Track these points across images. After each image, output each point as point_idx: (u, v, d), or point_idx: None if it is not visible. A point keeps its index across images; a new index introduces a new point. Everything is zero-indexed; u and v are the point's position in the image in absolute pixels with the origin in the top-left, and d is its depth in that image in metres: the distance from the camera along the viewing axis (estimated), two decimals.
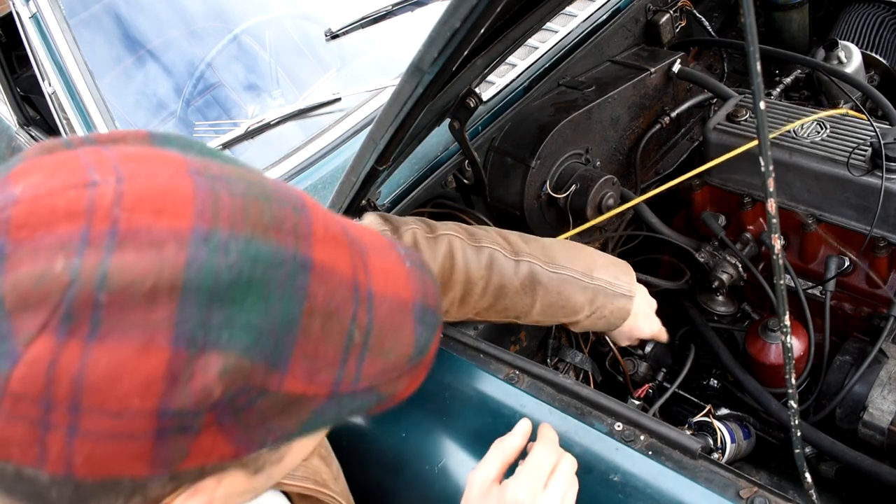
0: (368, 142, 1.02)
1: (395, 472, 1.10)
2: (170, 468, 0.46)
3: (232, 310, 0.45)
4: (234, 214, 0.48)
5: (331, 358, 0.50)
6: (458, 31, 0.79)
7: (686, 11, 1.99)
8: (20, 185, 0.46)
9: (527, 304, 1.22)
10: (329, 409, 0.51)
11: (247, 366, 0.46)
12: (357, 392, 0.53)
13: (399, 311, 0.56)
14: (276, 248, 0.48)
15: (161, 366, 0.43)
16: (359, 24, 1.90)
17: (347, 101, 1.77)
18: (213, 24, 2.04)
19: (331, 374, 0.50)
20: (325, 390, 0.50)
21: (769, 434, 1.61)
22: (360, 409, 0.54)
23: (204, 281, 0.45)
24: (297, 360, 0.48)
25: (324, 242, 0.52)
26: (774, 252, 0.76)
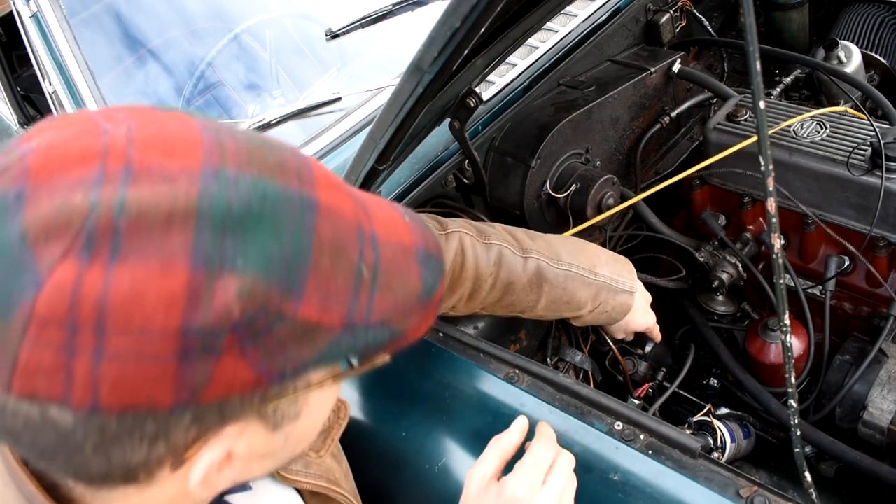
0: (368, 141, 1.02)
1: (396, 471, 1.10)
2: (193, 395, 0.47)
3: (245, 238, 0.47)
4: (240, 156, 0.50)
5: (342, 291, 0.52)
6: (458, 30, 0.79)
7: (686, 11, 1.99)
8: (35, 139, 0.49)
9: (532, 299, 1.24)
10: (345, 340, 0.52)
11: (263, 288, 0.47)
12: (370, 325, 0.54)
13: (403, 254, 0.57)
14: (283, 187, 0.50)
15: (181, 285, 0.45)
16: (359, 24, 1.90)
17: (347, 100, 1.77)
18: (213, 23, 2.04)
19: (344, 306, 0.52)
20: (340, 321, 0.52)
21: (769, 433, 1.61)
22: (376, 343, 0.55)
23: (216, 210, 0.47)
24: (311, 290, 0.50)
25: (326, 187, 0.54)
26: (774, 251, 0.77)
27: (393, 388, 1.20)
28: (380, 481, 1.11)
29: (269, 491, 0.85)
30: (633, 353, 1.70)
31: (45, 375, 0.45)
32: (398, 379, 1.21)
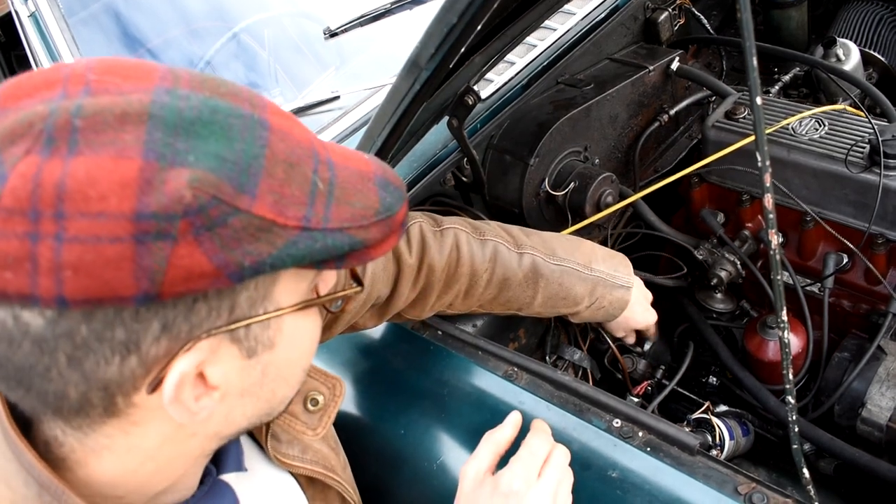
0: (366, 139, 1.02)
1: (394, 468, 1.10)
2: (153, 283, 0.49)
3: (196, 140, 0.51)
4: (193, 82, 0.54)
5: (297, 198, 0.54)
6: (455, 27, 0.79)
7: (685, 9, 1.99)
8: (4, 83, 0.54)
9: (529, 295, 1.24)
10: (302, 241, 0.54)
11: (214, 180, 0.50)
12: (328, 230, 0.55)
13: (359, 177, 0.59)
14: (234, 106, 0.54)
15: (134, 172, 0.48)
16: (357, 23, 1.90)
17: (346, 99, 1.78)
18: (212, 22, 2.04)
19: (299, 210, 0.54)
20: (296, 222, 0.53)
21: (768, 431, 1.61)
22: (336, 248, 0.56)
23: (168, 115, 0.51)
24: (265, 191, 0.52)
25: (279, 115, 0.57)
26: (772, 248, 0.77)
27: (391, 385, 1.20)
28: (378, 479, 1.11)
29: (266, 473, 0.85)
30: (631, 351, 1.70)
31: (13, 267, 0.47)
32: (397, 376, 1.21)
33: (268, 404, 0.66)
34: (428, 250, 1.15)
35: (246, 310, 0.56)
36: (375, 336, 1.26)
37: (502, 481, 0.87)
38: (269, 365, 0.61)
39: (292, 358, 0.64)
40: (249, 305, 0.56)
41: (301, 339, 0.64)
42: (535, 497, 0.86)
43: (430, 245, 1.16)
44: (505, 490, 0.86)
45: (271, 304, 0.58)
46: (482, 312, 1.31)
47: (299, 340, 0.64)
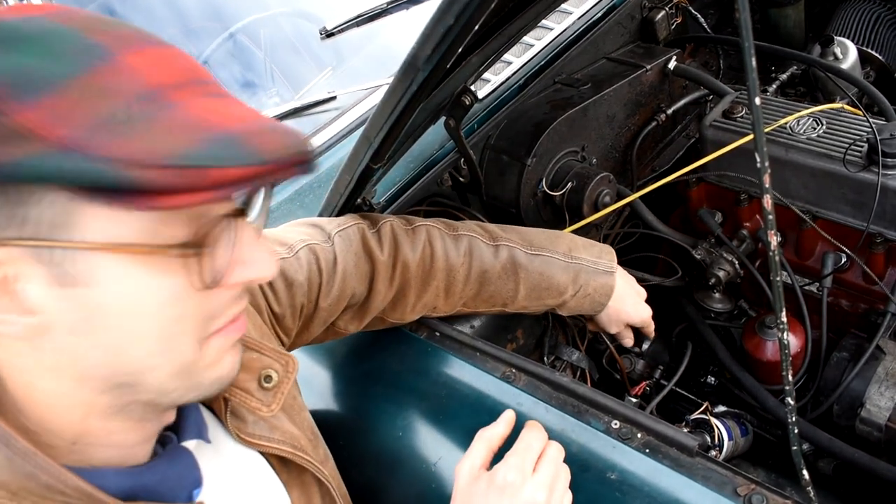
0: (363, 140, 1.01)
1: (392, 470, 1.10)
2: None
3: (11, 50, 0.53)
4: (76, 16, 0.57)
5: (82, 121, 0.53)
6: (452, 27, 0.78)
7: (682, 8, 1.99)
8: None
9: (511, 288, 1.24)
10: (53, 159, 0.52)
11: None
12: (95, 157, 0.53)
13: (194, 126, 0.56)
14: (81, 35, 0.56)
15: None
16: (354, 23, 1.90)
17: (342, 99, 1.77)
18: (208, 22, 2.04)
19: (73, 131, 0.53)
20: (59, 140, 0.52)
21: (767, 431, 1.60)
22: (98, 176, 0.53)
23: (7, 27, 0.54)
24: (44, 105, 0.52)
25: (151, 57, 0.58)
26: (771, 248, 0.76)
27: (389, 387, 1.20)
28: (376, 481, 1.11)
29: (232, 450, 0.84)
30: (630, 351, 1.70)
31: None
32: (394, 378, 1.20)
33: (117, 358, 0.63)
34: (400, 247, 1.16)
35: (44, 230, 0.56)
36: (373, 337, 1.26)
37: (497, 475, 0.87)
38: (93, 307, 0.60)
39: (129, 311, 0.61)
40: (49, 227, 0.56)
41: (137, 291, 0.60)
42: (531, 489, 0.86)
43: (402, 242, 1.17)
44: (500, 483, 0.86)
45: (76, 233, 0.57)
46: (470, 312, 1.30)
47: (133, 293, 0.60)
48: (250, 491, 0.84)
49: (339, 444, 1.13)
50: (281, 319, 1.05)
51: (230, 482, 0.81)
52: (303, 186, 1.59)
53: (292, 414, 0.94)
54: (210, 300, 0.65)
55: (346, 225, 1.16)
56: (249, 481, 0.85)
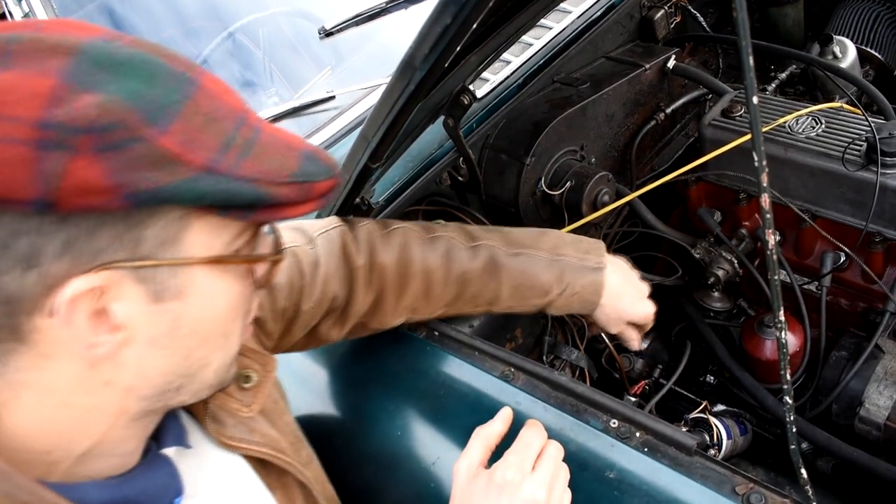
0: (360, 139, 1.01)
1: (391, 469, 1.10)
2: (49, 187, 0.52)
3: (119, 76, 0.55)
4: (135, 41, 0.58)
5: (210, 144, 0.58)
6: (450, 27, 0.78)
7: (681, 7, 1.99)
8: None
9: (493, 288, 1.20)
10: (204, 180, 0.57)
11: (124, 108, 0.54)
12: (235, 176, 0.58)
13: (284, 145, 0.63)
14: (167, 63, 0.58)
15: (48, 88, 0.53)
16: (353, 22, 1.90)
17: (341, 98, 1.77)
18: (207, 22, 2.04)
19: (209, 153, 0.57)
20: (202, 163, 0.57)
21: (766, 430, 1.60)
22: (240, 195, 0.59)
23: (99, 54, 0.55)
24: (177, 131, 0.56)
25: (214, 82, 0.61)
26: (769, 247, 0.76)
27: (388, 386, 1.20)
28: (375, 480, 1.11)
29: (213, 454, 0.84)
30: (629, 350, 1.70)
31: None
32: (393, 377, 1.20)
33: (184, 363, 0.66)
34: (376, 250, 1.14)
35: (153, 249, 0.59)
36: (372, 337, 1.26)
37: (496, 473, 0.87)
38: (180, 317, 0.63)
39: (207, 316, 0.65)
40: (156, 246, 0.59)
41: (216, 297, 0.65)
42: (531, 487, 0.85)
43: (378, 245, 1.15)
44: (499, 481, 0.86)
45: (181, 251, 0.60)
46: (455, 314, 1.26)
47: (214, 298, 0.65)
48: (232, 495, 0.84)
49: (338, 444, 1.13)
50: (262, 323, 1.04)
51: (212, 487, 0.81)
52: None
53: (273, 418, 0.93)
54: (250, 296, 0.72)
55: (328, 227, 1.16)
56: (231, 485, 0.84)
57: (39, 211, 0.54)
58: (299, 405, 1.19)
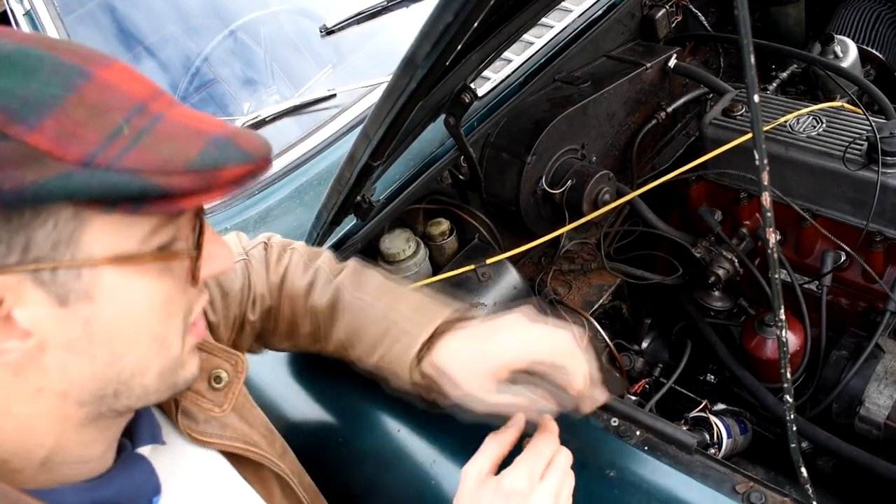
0: (362, 137, 1.01)
1: (391, 467, 1.10)
2: None
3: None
4: (30, 38, 0.58)
5: (90, 137, 0.55)
6: (451, 25, 0.78)
7: (682, 7, 1.99)
8: None
9: (328, 325, 1.08)
10: (79, 176, 0.54)
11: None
12: (114, 170, 0.55)
13: (188, 132, 0.59)
14: (55, 57, 0.57)
15: None
16: (354, 20, 1.90)
17: (343, 96, 1.77)
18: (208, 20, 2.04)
19: (86, 148, 0.54)
20: (76, 157, 0.54)
21: (766, 429, 1.61)
22: (123, 188, 0.55)
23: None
24: (47, 126, 0.54)
25: (116, 72, 0.59)
26: (769, 246, 0.76)
27: None
28: (376, 478, 1.11)
29: (187, 450, 0.84)
30: (629, 349, 1.70)
31: None
32: None
33: (111, 369, 0.64)
34: (270, 269, 1.11)
35: (47, 251, 0.56)
36: None
37: (504, 481, 0.86)
38: (92, 320, 0.61)
39: (125, 317, 0.62)
40: (51, 247, 0.57)
41: (133, 299, 0.62)
42: (539, 498, 0.85)
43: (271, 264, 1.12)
44: (507, 490, 0.85)
45: (80, 251, 0.58)
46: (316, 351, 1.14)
47: (131, 300, 0.62)
48: (210, 490, 0.84)
49: (339, 442, 1.13)
50: (215, 328, 1.02)
51: (189, 484, 0.80)
52: (303, 184, 1.59)
53: (244, 412, 0.93)
54: (188, 296, 0.68)
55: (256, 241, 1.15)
56: (208, 481, 0.84)
57: None
58: (298, 402, 1.19)
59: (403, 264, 1.42)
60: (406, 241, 1.43)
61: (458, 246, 1.52)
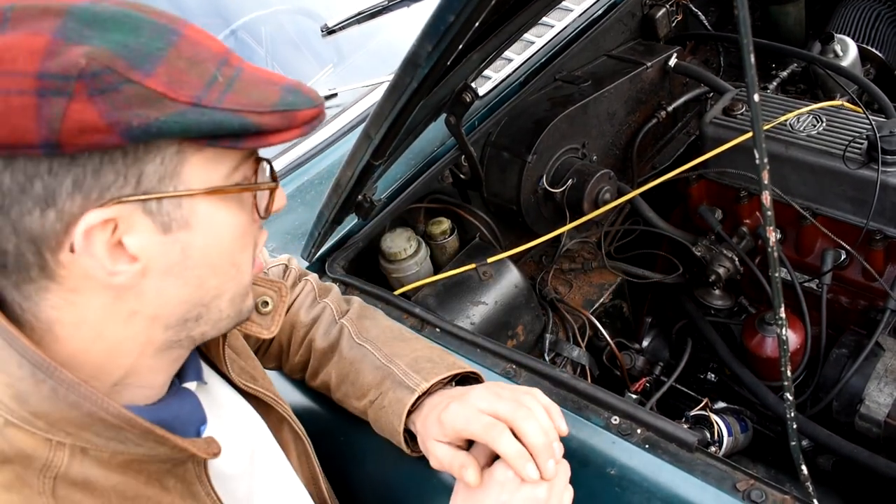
0: (363, 137, 1.02)
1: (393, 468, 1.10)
2: (52, 132, 0.58)
3: (103, 31, 0.61)
4: (120, 2, 0.64)
5: (194, 82, 0.63)
6: (452, 25, 0.79)
7: (682, 6, 1.99)
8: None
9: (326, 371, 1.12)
10: (191, 114, 0.62)
11: (110, 55, 0.60)
12: (219, 108, 0.63)
13: (265, 82, 0.68)
14: (149, 18, 0.64)
15: (42, 44, 0.59)
16: (355, 20, 1.90)
17: (344, 96, 1.77)
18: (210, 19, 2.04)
19: (193, 91, 0.63)
20: (186, 99, 0.62)
21: (766, 427, 1.61)
22: (226, 124, 0.64)
23: (83, 13, 0.61)
24: (161, 72, 0.61)
25: (196, 31, 0.66)
26: (770, 245, 0.77)
27: None
28: (378, 476, 1.11)
29: (225, 392, 0.92)
30: (630, 348, 1.71)
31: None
32: None
33: (198, 291, 0.72)
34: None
35: (155, 183, 0.64)
36: None
37: (497, 470, 0.88)
38: (189, 246, 0.69)
39: (214, 244, 0.71)
40: (158, 180, 0.64)
41: (221, 226, 0.71)
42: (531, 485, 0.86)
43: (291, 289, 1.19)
44: (500, 479, 0.87)
45: (181, 183, 0.66)
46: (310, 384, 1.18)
47: (219, 228, 0.71)
48: (242, 429, 0.91)
49: (340, 441, 1.14)
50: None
51: (226, 420, 0.88)
52: (304, 183, 1.60)
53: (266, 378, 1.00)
54: (256, 229, 0.78)
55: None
56: (240, 420, 0.92)
57: (48, 153, 0.59)
58: (301, 401, 1.19)
59: (404, 263, 1.43)
60: (407, 240, 1.43)
61: (459, 245, 1.52)
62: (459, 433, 0.91)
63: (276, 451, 0.96)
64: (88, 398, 0.66)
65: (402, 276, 1.43)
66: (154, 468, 0.74)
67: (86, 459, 0.68)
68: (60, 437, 0.67)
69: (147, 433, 0.70)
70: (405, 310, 1.25)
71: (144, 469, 0.73)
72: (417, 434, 0.99)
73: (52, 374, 0.65)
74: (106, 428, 0.68)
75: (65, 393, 0.66)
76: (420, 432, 0.98)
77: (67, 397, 0.66)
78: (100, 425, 0.68)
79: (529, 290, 1.49)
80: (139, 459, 0.72)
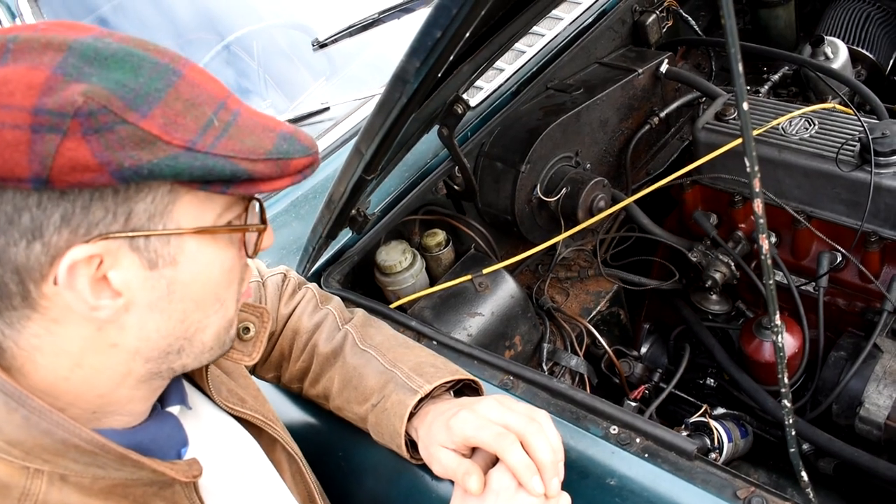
0: (354, 152, 1.02)
1: (392, 481, 1.10)
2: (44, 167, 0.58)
3: (103, 69, 0.62)
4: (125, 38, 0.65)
5: (188, 126, 0.63)
6: (440, 40, 0.79)
7: (672, 11, 1.99)
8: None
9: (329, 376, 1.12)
10: (183, 158, 0.63)
11: (107, 94, 0.60)
12: (212, 154, 0.64)
13: (261, 128, 0.68)
14: (152, 56, 0.65)
15: (41, 79, 0.59)
16: (346, 33, 1.91)
17: (336, 110, 1.78)
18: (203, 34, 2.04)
19: (187, 135, 0.63)
20: (180, 143, 0.63)
21: (767, 432, 1.61)
22: (218, 170, 0.65)
23: (85, 49, 0.62)
24: (157, 115, 0.62)
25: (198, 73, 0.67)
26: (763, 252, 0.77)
27: None
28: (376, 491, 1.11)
29: (212, 414, 0.91)
30: (628, 355, 1.70)
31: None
32: None
33: (181, 325, 0.73)
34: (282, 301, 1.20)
35: (144, 221, 0.65)
36: None
37: (493, 478, 0.88)
38: (174, 282, 0.69)
39: (199, 280, 0.71)
40: (148, 218, 0.65)
41: (208, 263, 0.71)
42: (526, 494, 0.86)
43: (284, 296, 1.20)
44: (496, 487, 0.87)
45: (171, 222, 0.67)
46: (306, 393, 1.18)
47: (206, 265, 0.71)
48: (230, 450, 0.91)
49: (339, 456, 1.13)
50: None
51: (212, 442, 0.87)
52: (298, 197, 1.60)
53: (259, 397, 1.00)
54: (243, 265, 0.79)
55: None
56: (229, 442, 0.92)
57: (38, 188, 0.60)
58: (299, 417, 1.19)
59: (400, 276, 1.42)
60: (402, 252, 1.43)
61: (454, 256, 1.52)
62: (468, 440, 0.90)
63: (270, 471, 0.96)
64: (61, 425, 0.66)
65: (398, 289, 1.43)
66: (139, 492, 0.74)
67: (65, 486, 0.68)
68: (38, 465, 0.67)
69: (122, 458, 0.70)
70: (401, 323, 1.24)
71: (130, 493, 0.73)
72: (419, 440, 0.98)
73: (23, 402, 0.65)
74: (81, 454, 0.68)
75: (37, 420, 0.66)
76: (423, 438, 0.97)
77: (39, 424, 0.66)
78: (75, 451, 0.68)
79: (526, 300, 1.48)
80: (122, 484, 0.72)
